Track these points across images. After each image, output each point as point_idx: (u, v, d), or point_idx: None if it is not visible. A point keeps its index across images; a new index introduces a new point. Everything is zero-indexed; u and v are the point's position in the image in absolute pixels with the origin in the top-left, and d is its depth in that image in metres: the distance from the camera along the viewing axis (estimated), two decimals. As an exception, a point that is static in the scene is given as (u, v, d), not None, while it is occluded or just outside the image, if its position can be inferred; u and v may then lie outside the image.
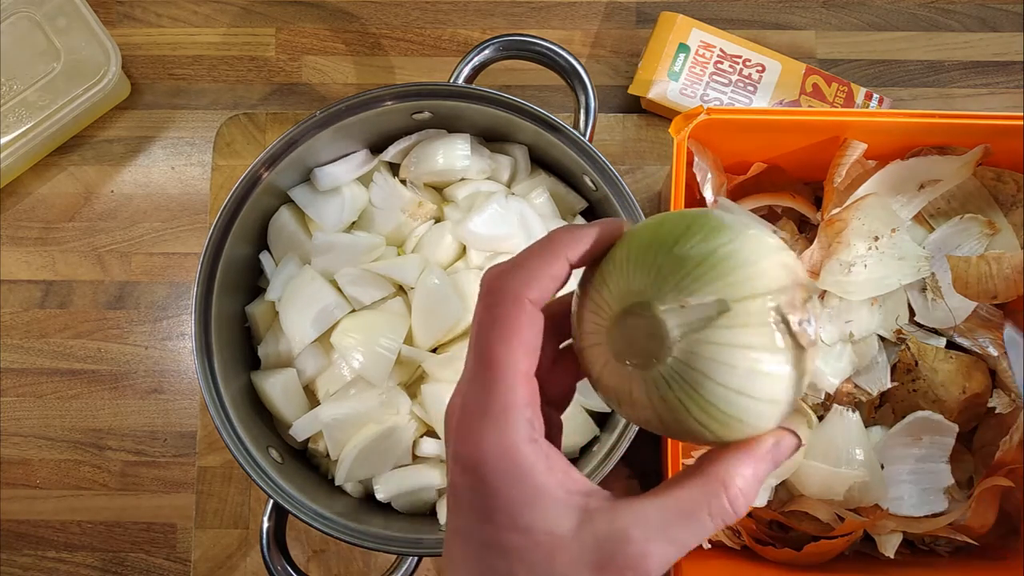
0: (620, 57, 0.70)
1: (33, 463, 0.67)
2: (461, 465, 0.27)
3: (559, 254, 0.28)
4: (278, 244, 0.59)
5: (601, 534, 0.26)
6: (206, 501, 0.64)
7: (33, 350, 0.68)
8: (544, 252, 0.28)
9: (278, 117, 0.68)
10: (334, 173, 0.57)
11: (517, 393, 0.27)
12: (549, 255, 0.28)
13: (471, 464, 0.27)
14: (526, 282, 0.28)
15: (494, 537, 0.27)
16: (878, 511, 0.53)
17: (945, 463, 0.55)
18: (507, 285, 0.28)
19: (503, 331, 0.27)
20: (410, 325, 0.55)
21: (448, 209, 0.59)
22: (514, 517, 0.26)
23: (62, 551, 0.66)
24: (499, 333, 0.27)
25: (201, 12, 0.71)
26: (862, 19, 0.71)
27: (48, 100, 0.64)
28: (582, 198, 0.60)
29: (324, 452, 0.56)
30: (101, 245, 0.69)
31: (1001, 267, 0.53)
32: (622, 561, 0.26)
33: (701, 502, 0.27)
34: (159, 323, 0.68)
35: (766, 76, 0.66)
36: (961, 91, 0.70)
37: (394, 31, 0.71)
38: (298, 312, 0.55)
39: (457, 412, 0.28)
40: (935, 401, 0.56)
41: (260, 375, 0.57)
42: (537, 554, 0.26)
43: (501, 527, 0.26)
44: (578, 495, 0.27)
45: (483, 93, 0.54)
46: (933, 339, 0.58)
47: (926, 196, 0.57)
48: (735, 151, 0.57)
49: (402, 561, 0.53)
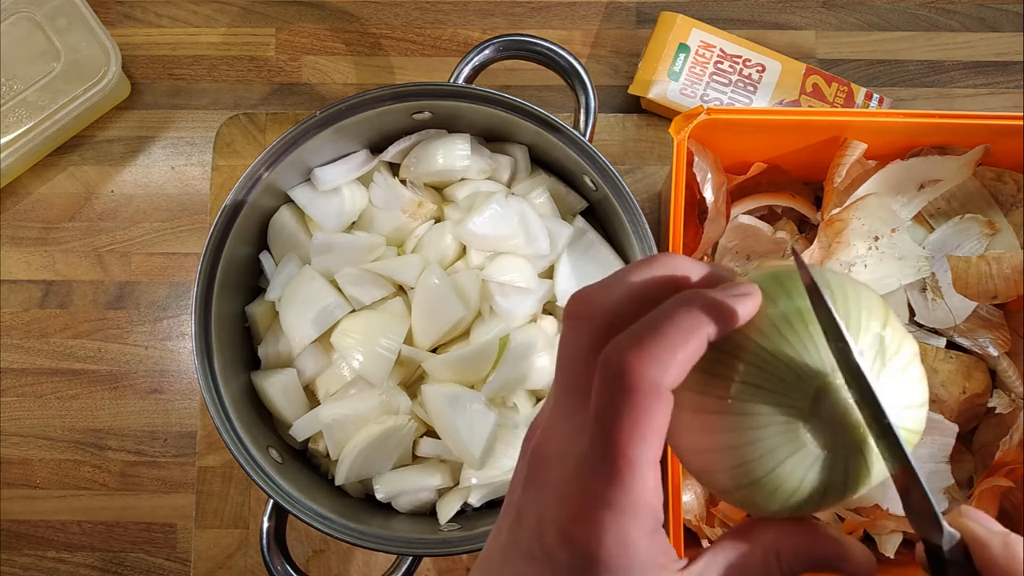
0: (620, 57, 0.70)
1: (33, 463, 0.67)
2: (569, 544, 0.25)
3: (700, 332, 0.24)
4: (278, 244, 0.59)
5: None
6: (206, 501, 0.64)
7: (33, 350, 0.68)
8: (687, 325, 0.24)
9: (278, 117, 0.68)
10: (334, 173, 0.57)
11: (647, 486, 0.24)
12: (691, 333, 0.24)
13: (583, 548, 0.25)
14: (667, 368, 0.24)
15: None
16: (878, 511, 0.53)
17: (945, 463, 0.55)
18: (645, 372, 0.24)
19: (640, 428, 0.24)
20: (410, 325, 0.55)
21: (448, 209, 0.59)
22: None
23: (62, 551, 0.66)
24: (634, 429, 0.24)
25: (201, 12, 0.71)
26: (862, 19, 0.71)
27: (48, 100, 0.64)
28: (582, 198, 0.60)
29: (324, 452, 0.56)
30: (101, 245, 0.69)
31: (1001, 267, 0.53)
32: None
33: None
34: (159, 323, 0.68)
35: (766, 76, 0.66)
36: (961, 91, 0.70)
37: (394, 31, 0.71)
38: (298, 312, 0.55)
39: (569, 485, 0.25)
40: (935, 401, 0.56)
41: (260, 375, 0.57)
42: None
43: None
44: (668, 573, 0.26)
45: (483, 93, 0.54)
46: (933, 339, 0.58)
47: (926, 196, 0.57)
48: (735, 151, 0.57)
49: (402, 561, 0.53)
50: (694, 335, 0.24)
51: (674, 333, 0.24)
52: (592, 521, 0.25)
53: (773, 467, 0.26)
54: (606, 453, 0.24)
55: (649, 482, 0.25)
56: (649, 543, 0.25)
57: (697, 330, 0.24)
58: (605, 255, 0.58)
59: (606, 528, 0.24)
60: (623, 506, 0.24)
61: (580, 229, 0.59)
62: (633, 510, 0.24)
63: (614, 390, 0.24)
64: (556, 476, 0.26)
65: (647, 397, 0.24)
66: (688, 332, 0.24)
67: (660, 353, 0.24)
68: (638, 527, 0.25)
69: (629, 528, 0.24)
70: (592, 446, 0.25)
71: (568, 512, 0.25)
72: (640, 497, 0.24)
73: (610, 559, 0.25)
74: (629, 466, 0.24)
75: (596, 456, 0.25)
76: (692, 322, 0.24)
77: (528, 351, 0.53)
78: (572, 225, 0.58)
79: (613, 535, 0.24)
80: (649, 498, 0.25)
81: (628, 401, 0.24)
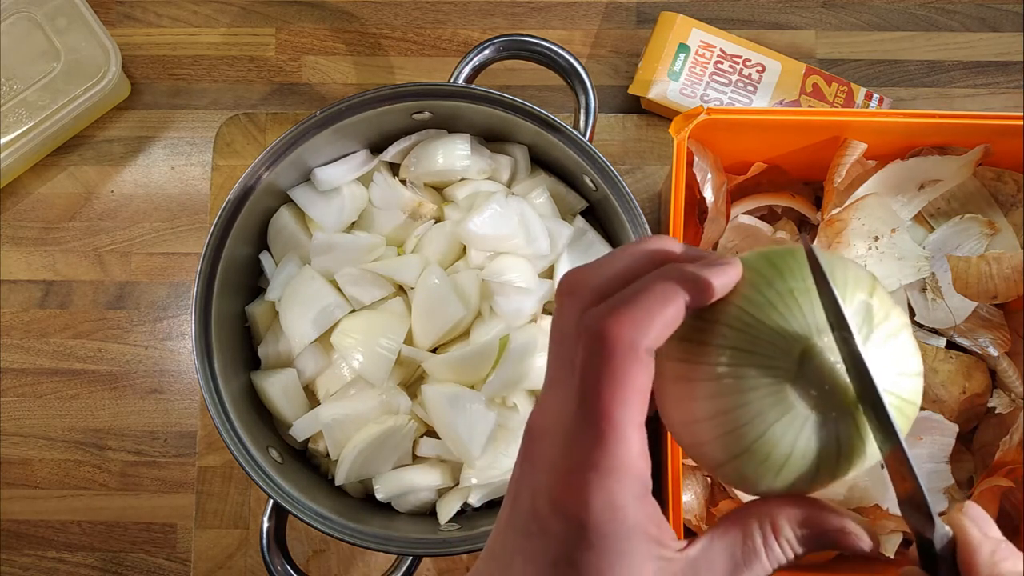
0: (620, 57, 0.70)
1: (33, 463, 0.67)
2: (561, 512, 0.26)
3: (678, 299, 0.25)
4: (278, 244, 0.59)
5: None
6: (206, 501, 0.64)
7: (33, 350, 0.68)
8: (659, 293, 0.25)
9: (278, 117, 0.68)
10: (334, 173, 0.57)
11: (632, 449, 0.25)
12: (668, 299, 0.25)
13: (573, 515, 0.25)
14: (644, 330, 0.25)
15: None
16: (878, 511, 0.53)
17: (945, 463, 0.55)
18: (626, 335, 0.25)
19: (620, 388, 0.25)
20: (410, 325, 0.55)
21: (448, 209, 0.59)
22: (601, 571, 0.25)
23: (62, 551, 0.66)
24: (615, 389, 0.25)
25: (201, 12, 0.71)
26: (862, 19, 0.71)
27: (48, 100, 0.64)
28: (582, 198, 0.60)
29: (324, 452, 0.56)
30: (101, 245, 0.69)
31: (1001, 267, 0.53)
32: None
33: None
34: (159, 323, 0.68)
35: (766, 76, 0.66)
36: (961, 91, 0.70)
37: (394, 31, 0.71)
38: (298, 312, 0.55)
39: (559, 455, 0.26)
40: (935, 401, 0.56)
41: (260, 375, 0.57)
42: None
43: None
44: (662, 547, 0.26)
45: (483, 93, 0.54)
46: (933, 339, 0.58)
47: (926, 196, 0.57)
48: (735, 151, 0.57)
49: (402, 561, 0.53)
50: (670, 301, 0.25)
51: (650, 299, 0.25)
52: (579, 486, 0.25)
53: (763, 431, 0.26)
54: (589, 416, 0.25)
55: (633, 444, 0.25)
56: (637, 508, 0.25)
57: (673, 296, 0.25)
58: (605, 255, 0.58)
59: (592, 492, 0.25)
60: (608, 468, 0.25)
61: (580, 229, 0.59)
62: (618, 472, 0.25)
63: (594, 353, 0.25)
64: (547, 448, 0.27)
65: (625, 358, 0.25)
66: (663, 297, 0.25)
67: (637, 316, 0.25)
68: (624, 489, 0.25)
69: (615, 490, 0.25)
70: (577, 412, 0.26)
71: (557, 481, 0.26)
72: (624, 459, 0.25)
73: (599, 524, 0.25)
74: (612, 427, 0.25)
75: (580, 421, 0.25)
76: (668, 289, 0.26)
77: (528, 351, 0.53)
78: (572, 225, 0.58)
79: (600, 499, 0.25)
80: (634, 460, 0.25)
81: (607, 363, 0.25)
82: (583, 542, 0.25)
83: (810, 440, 0.26)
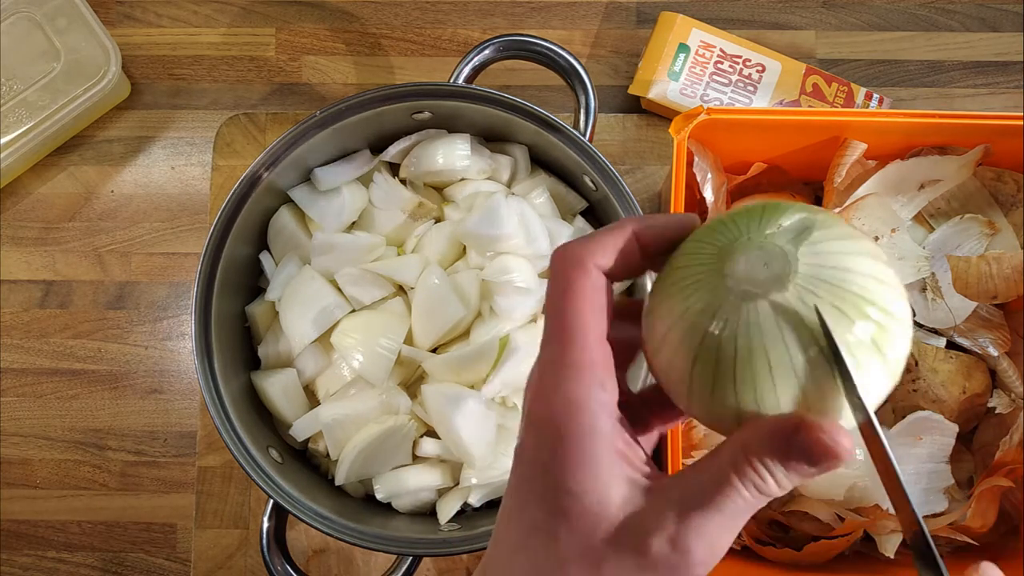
0: (620, 57, 0.70)
1: (33, 463, 0.67)
2: (529, 420, 0.27)
3: (626, 228, 0.29)
4: (278, 244, 0.59)
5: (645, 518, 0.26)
6: (206, 501, 0.64)
7: (33, 350, 0.68)
8: (612, 226, 0.29)
9: (278, 117, 0.68)
10: (334, 173, 0.57)
11: (589, 352, 0.27)
12: (616, 228, 0.29)
13: (538, 418, 0.27)
14: (590, 249, 0.28)
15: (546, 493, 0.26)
16: (878, 511, 0.53)
17: (945, 463, 0.55)
18: (572, 252, 0.28)
19: (570, 293, 0.28)
20: (410, 325, 0.55)
21: (448, 209, 0.59)
22: (568, 476, 0.26)
23: (62, 551, 0.66)
24: (566, 295, 0.28)
25: (201, 12, 0.71)
26: (862, 19, 0.71)
27: (48, 100, 0.64)
28: (582, 198, 0.60)
29: (324, 452, 0.56)
30: (101, 245, 0.69)
31: (1001, 267, 0.53)
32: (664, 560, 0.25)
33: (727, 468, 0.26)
34: (159, 323, 0.68)
35: (766, 76, 0.66)
36: (961, 91, 0.70)
37: (394, 31, 0.71)
38: (298, 312, 0.55)
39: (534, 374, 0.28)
40: (935, 401, 0.56)
41: (260, 375, 0.57)
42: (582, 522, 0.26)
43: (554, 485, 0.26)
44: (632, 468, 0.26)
45: (483, 93, 0.54)
46: (933, 339, 0.58)
47: (926, 196, 0.57)
48: (735, 151, 0.57)
49: (402, 561, 0.53)
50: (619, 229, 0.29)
51: (604, 230, 0.29)
52: (544, 388, 0.27)
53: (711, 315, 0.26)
54: (549, 320, 0.28)
55: (592, 350, 0.27)
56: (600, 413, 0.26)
57: (621, 226, 0.29)
58: (605, 255, 0.58)
59: (555, 390, 0.27)
60: (566, 365, 0.27)
61: (580, 229, 0.59)
62: (576, 369, 0.27)
63: (552, 271, 0.29)
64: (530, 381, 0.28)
65: (574, 269, 0.28)
66: (613, 227, 0.29)
67: (587, 241, 0.29)
68: (581, 387, 0.26)
69: (572, 387, 0.26)
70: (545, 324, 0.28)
71: (529, 393, 0.28)
72: (583, 358, 0.27)
73: (560, 418, 0.26)
74: (564, 328, 0.27)
75: (546, 332, 0.28)
76: (619, 222, 0.29)
77: (528, 351, 0.53)
78: (572, 225, 0.58)
79: (560, 395, 0.26)
80: (592, 363, 0.27)
81: (559, 275, 0.28)
82: (548, 442, 0.26)
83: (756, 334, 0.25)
